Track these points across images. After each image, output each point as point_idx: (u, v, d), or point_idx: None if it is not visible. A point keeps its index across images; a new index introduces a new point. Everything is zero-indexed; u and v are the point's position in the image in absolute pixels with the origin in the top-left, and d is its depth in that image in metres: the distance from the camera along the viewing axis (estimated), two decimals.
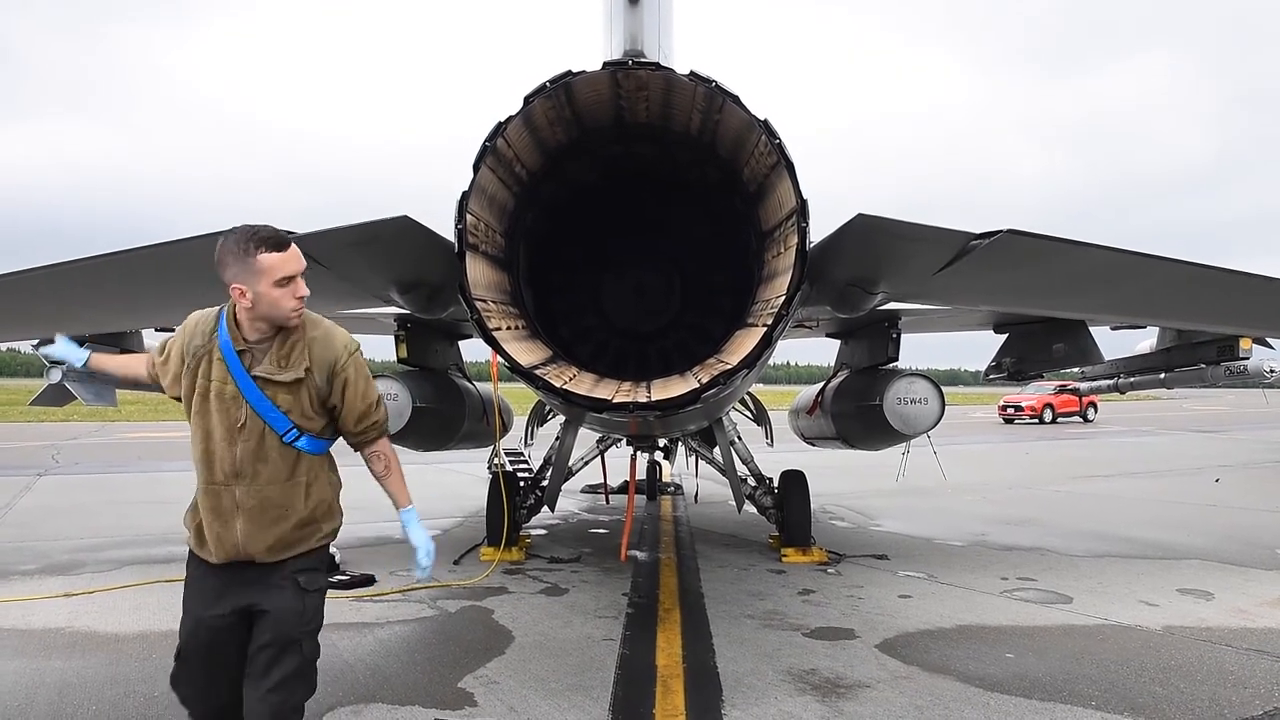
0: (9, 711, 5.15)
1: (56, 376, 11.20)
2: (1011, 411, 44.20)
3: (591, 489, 14.37)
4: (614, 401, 5.29)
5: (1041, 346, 10.73)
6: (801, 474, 10.13)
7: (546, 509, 9.80)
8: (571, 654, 6.26)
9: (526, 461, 11.31)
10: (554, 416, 11.69)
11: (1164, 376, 14.73)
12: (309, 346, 3.58)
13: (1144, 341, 14.74)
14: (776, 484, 10.29)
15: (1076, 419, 43.37)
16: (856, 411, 10.12)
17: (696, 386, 5.22)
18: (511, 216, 6.01)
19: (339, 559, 8.89)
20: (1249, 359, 12.83)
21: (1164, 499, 15.02)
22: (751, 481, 10.26)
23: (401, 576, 8.66)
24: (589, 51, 5.86)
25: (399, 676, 5.75)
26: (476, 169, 5.24)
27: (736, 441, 10.25)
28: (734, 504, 9.38)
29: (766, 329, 5.11)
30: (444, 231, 5.33)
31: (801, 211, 5.03)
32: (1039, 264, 5.44)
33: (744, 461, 10.30)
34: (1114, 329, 12.60)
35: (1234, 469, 20.00)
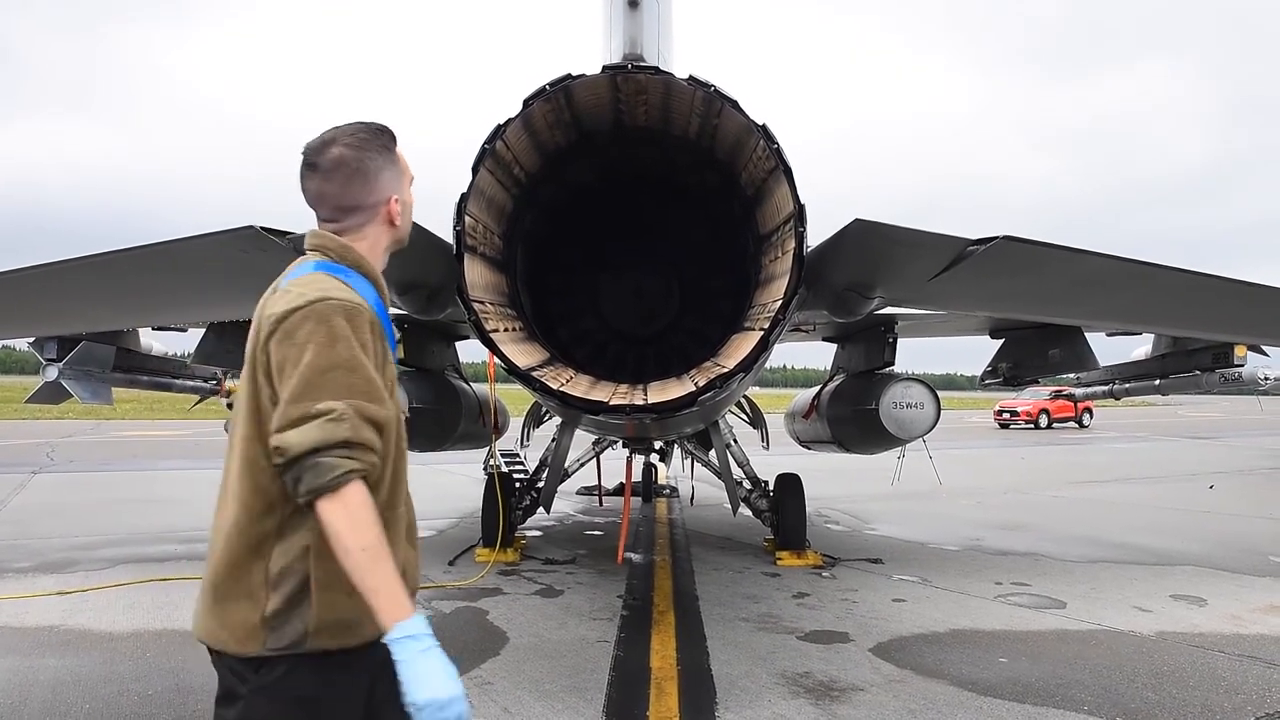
0: (3, 710, 5.14)
1: (53, 374, 11.20)
2: (1007, 417, 44.22)
3: (587, 491, 14.37)
4: (611, 404, 5.31)
5: (1037, 352, 10.76)
6: (797, 477, 10.14)
7: (542, 510, 9.80)
8: (566, 656, 6.26)
9: (522, 463, 11.31)
10: (550, 418, 11.69)
11: (1159, 383, 14.78)
12: None
13: (1139, 348, 14.79)
14: (772, 487, 10.30)
15: (1072, 425, 43.42)
16: (852, 415, 10.13)
17: (693, 390, 5.24)
18: (510, 218, 6.03)
19: None
20: (1243, 366, 12.89)
21: (1158, 505, 15.04)
22: (747, 484, 10.28)
23: None
24: (588, 55, 5.88)
25: None
26: (475, 171, 5.26)
27: (732, 444, 10.26)
28: (729, 507, 9.39)
29: (763, 333, 5.13)
30: (442, 233, 5.34)
31: (799, 216, 5.06)
32: (1035, 270, 5.46)
33: (740, 464, 10.31)
34: (1109, 335, 12.66)
35: (1228, 475, 20.04)
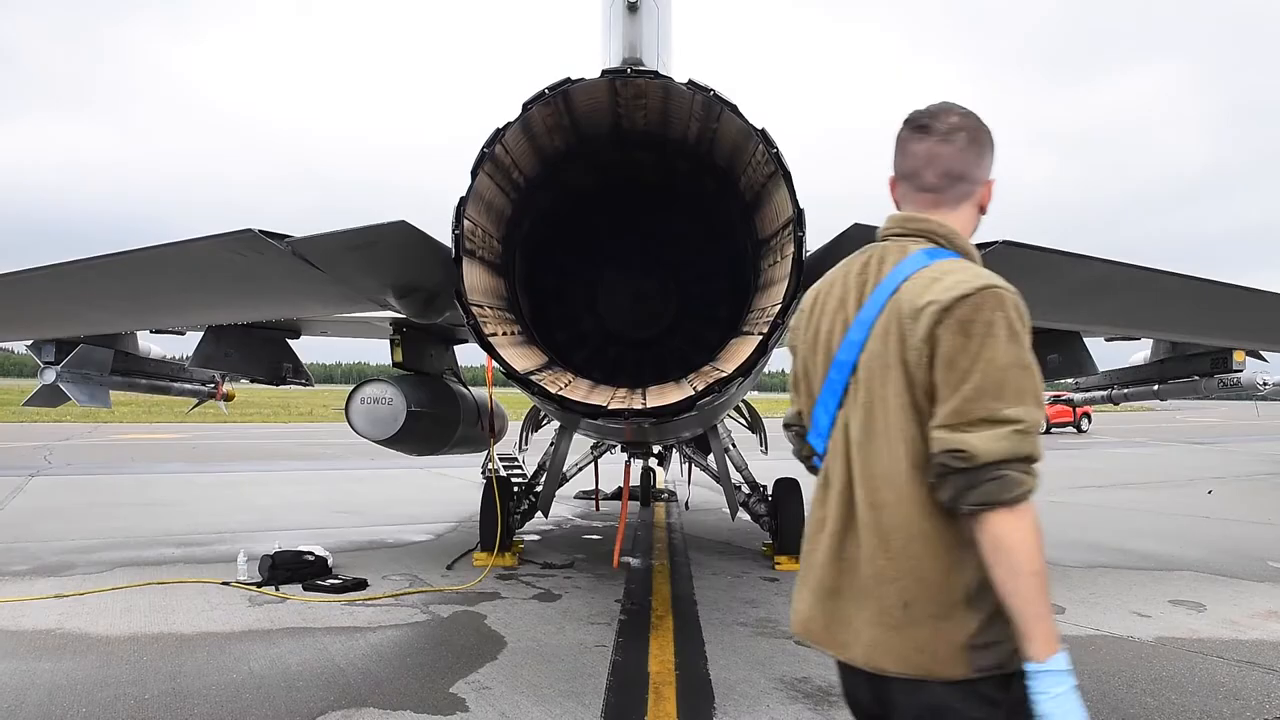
0: None
1: (50, 377, 11.18)
2: None
3: (585, 495, 14.35)
4: (609, 408, 5.30)
5: (1036, 357, 10.77)
6: (796, 482, 10.11)
7: (540, 514, 9.79)
8: (564, 660, 6.25)
9: (520, 467, 11.30)
10: (549, 422, 11.68)
11: (1157, 388, 14.80)
12: None
13: (1138, 353, 14.81)
14: (770, 491, 10.29)
15: (1070, 430, 43.41)
16: None
17: (692, 394, 5.23)
18: (509, 222, 6.02)
19: (331, 563, 8.89)
20: (1242, 371, 12.90)
21: (1157, 510, 15.03)
22: (745, 489, 10.26)
23: (393, 580, 8.65)
24: (588, 59, 5.89)
25: (391, 681, 5.73)
26: (474, 175, 5.25)
27: (731, 449, 10.25)
28: (728, 511, 9.37)
29: (762, 337, 5.12)
30: (441, 236, 5.34)
31: (798, 220, 5.05)
32: (1034, 275, 5.45)
33: (738, 469, 10.30)
34: (1108, 340, 12.66)
35: (1226, 481, 20.03)
